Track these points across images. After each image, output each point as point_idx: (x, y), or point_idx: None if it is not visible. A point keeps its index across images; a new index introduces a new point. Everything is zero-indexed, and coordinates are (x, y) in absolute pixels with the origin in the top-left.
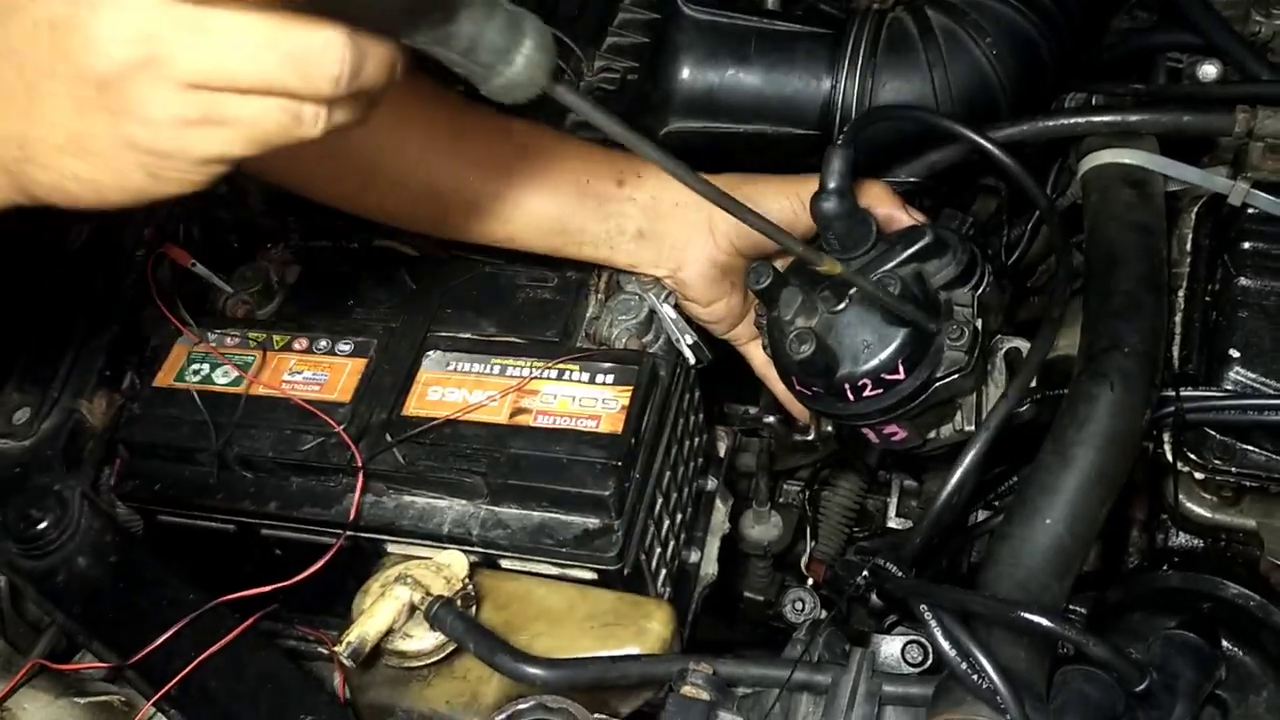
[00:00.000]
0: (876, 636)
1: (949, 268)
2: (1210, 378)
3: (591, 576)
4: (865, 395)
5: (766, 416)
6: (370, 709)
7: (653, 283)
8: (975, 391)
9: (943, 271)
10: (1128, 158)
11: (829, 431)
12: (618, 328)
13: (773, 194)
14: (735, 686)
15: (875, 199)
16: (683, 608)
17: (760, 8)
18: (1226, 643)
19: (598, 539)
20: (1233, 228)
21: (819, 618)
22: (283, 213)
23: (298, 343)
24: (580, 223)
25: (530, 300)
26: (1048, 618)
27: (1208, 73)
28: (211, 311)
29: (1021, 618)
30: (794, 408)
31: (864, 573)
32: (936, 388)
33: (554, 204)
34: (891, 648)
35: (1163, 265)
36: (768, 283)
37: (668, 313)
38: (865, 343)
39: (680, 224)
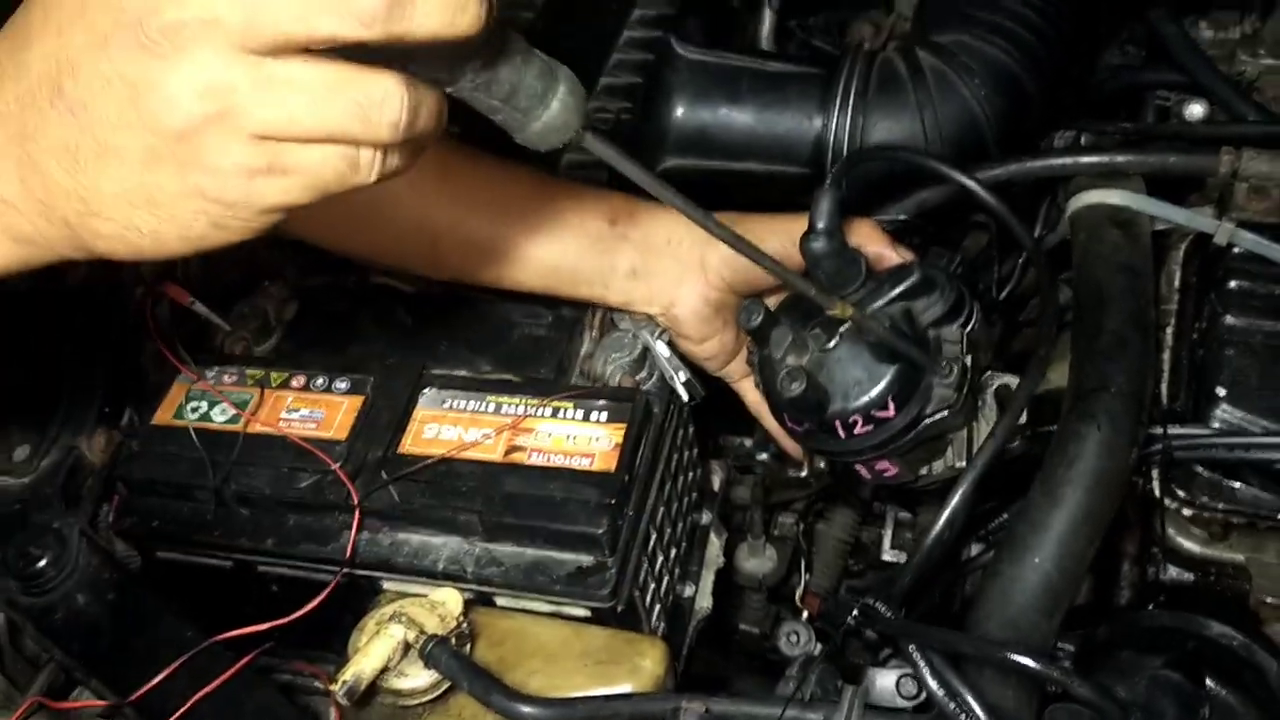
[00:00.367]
0: (871, 670)
1: (937, 305)
2: (1198, 415)
3: (585, 614)
4: (856, 432)
5: (760, 453)
6: None
7: (646, 320)
8: (966, 428)
9: (931, 309)
10: (1115, 198)
11: (822, 468)
12: (612, 365)
13: (764, 233)
14: None
15: (864, 237)
16: (677, 643)
17: (753, 47)
18: (1211, 681)
19: (591, 576)
20: (1219, 266)
21: (813, 652)
22: (281, 249)
23: (295, 380)
24: (573, 262)
25: (525, 337)
26: (1034, 659)
27: (1194, 112)
28: (210, 348)
29: (1009, 659)
30: (787, 444)
31: (854, 612)
32: (927, 424)
33: (547, 245)
34: (886, 681)
35: (1149, 305)
36: (759, 321)
37: (661, 350)
38: (856, 380)
39: (673, 262)
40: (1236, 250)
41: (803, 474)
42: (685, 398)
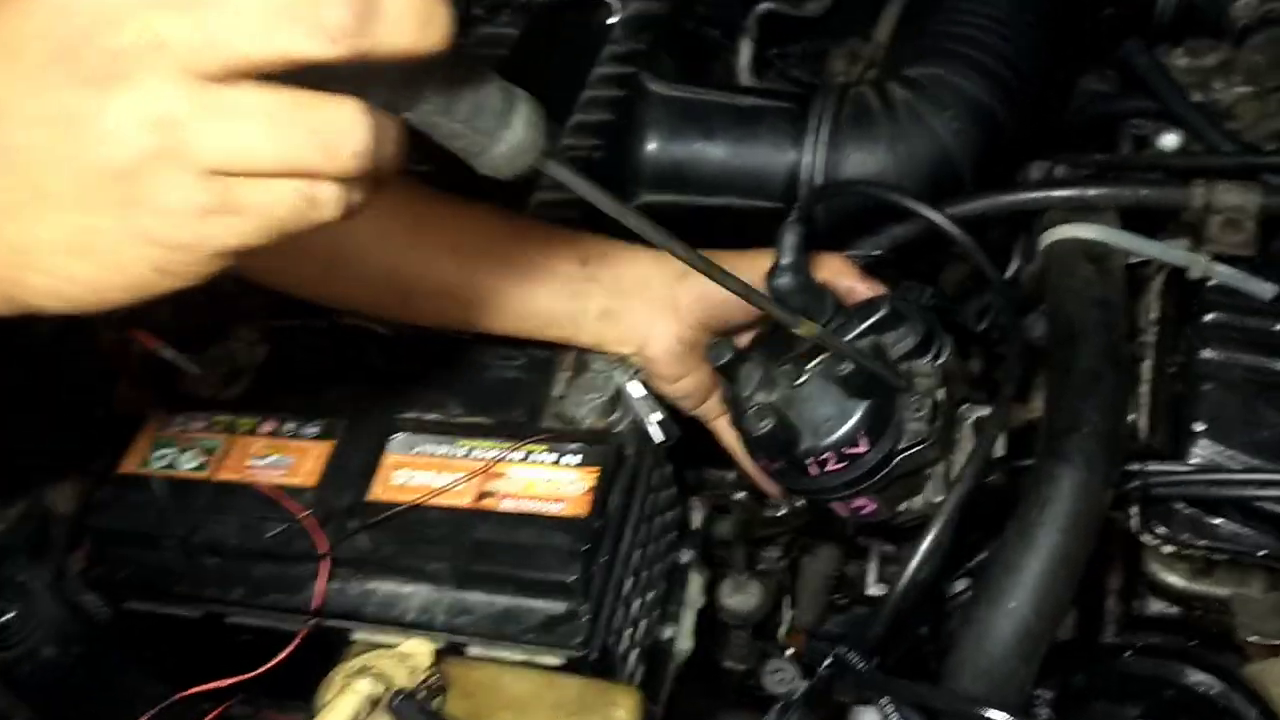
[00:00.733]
0: (855, 708)
1: (907, 339)
2: (1177, 450)
3: (559, 662)
4: (828, 469)
5: (736, 493)
6: None
7: (619, 360)
8: (944, 462)
9: (901, 343)
10: (1087, 232)
11: (800, 505)
12: (585, 406)
13: (739, 269)
14: None
15: (835, 272)
16: (655, 687)
17: (727, 82)
18: None
19: (564, 625)
20: (1195, 300)
21: (797, 690)
22: (252, 292)
23: (264, 426)
24: (545, 305)
25: (497, 379)
26: (1010, 715)
27: (1168, 142)
28: (179, 394)
29: (983, 716)
30: (764, 484)
31: (827, 662)
32: (900, 460)
33: (518, 288)
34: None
35: (1122, 340)
36: (727, 358)
37: (635, 390)
38: (826, 417)
39: (644, 302)
40: (1212, 283)
41: (780, 513)
42: (660, 438)
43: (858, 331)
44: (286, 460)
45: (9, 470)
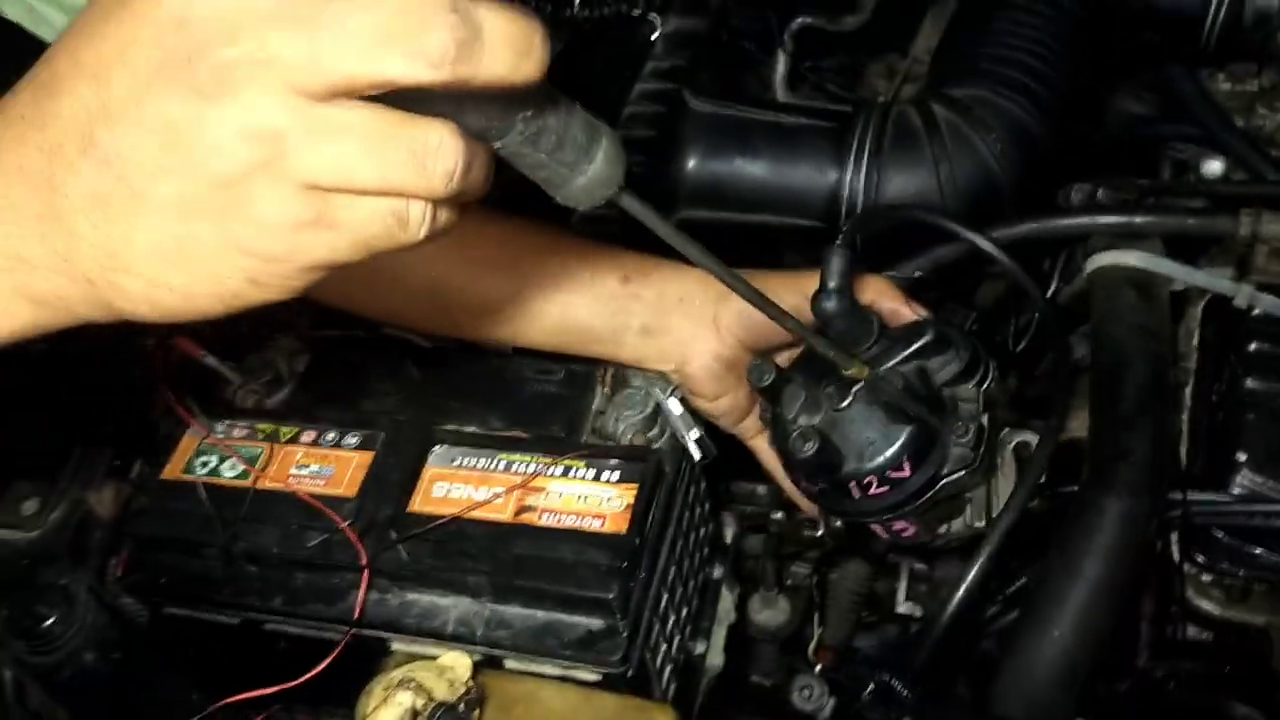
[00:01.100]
0: None
1: (952, 364)
2: (1218, 479)
3: (596, 678)
4: (871, 493)
5: (774, 513)
6: None
7: (658, 377)
8: (984, 486)
9: (946, 368)
10: (1132, 260)
11: (838, 526)
12: (623, 423)
13: (777, 290)
14: None
15: (879, 294)
16: (688, 703)
17: (767, 98)
18: None
19: (602, 641)
20: (1239, 328)
21: (825, 706)
22: (293, 301)
23: (305, 435)
24: (586, 321)
25: (536, 394)
26: None
27: (1212, 169)
28: (220, 401)
29: None
30: (802, 503)
31: (870, 688)
32: (944, 485)
33: (559, 303)
34: None
35: (1168, 369)
36: (770, 380)
37: (673, 408)
38: (870, 440)
39: (685, 319)
40: (1257, 312)
41: (819, 533)
42: (698, 456)
43: (902, 356)
44: (327, 470)
45: (51, 474)
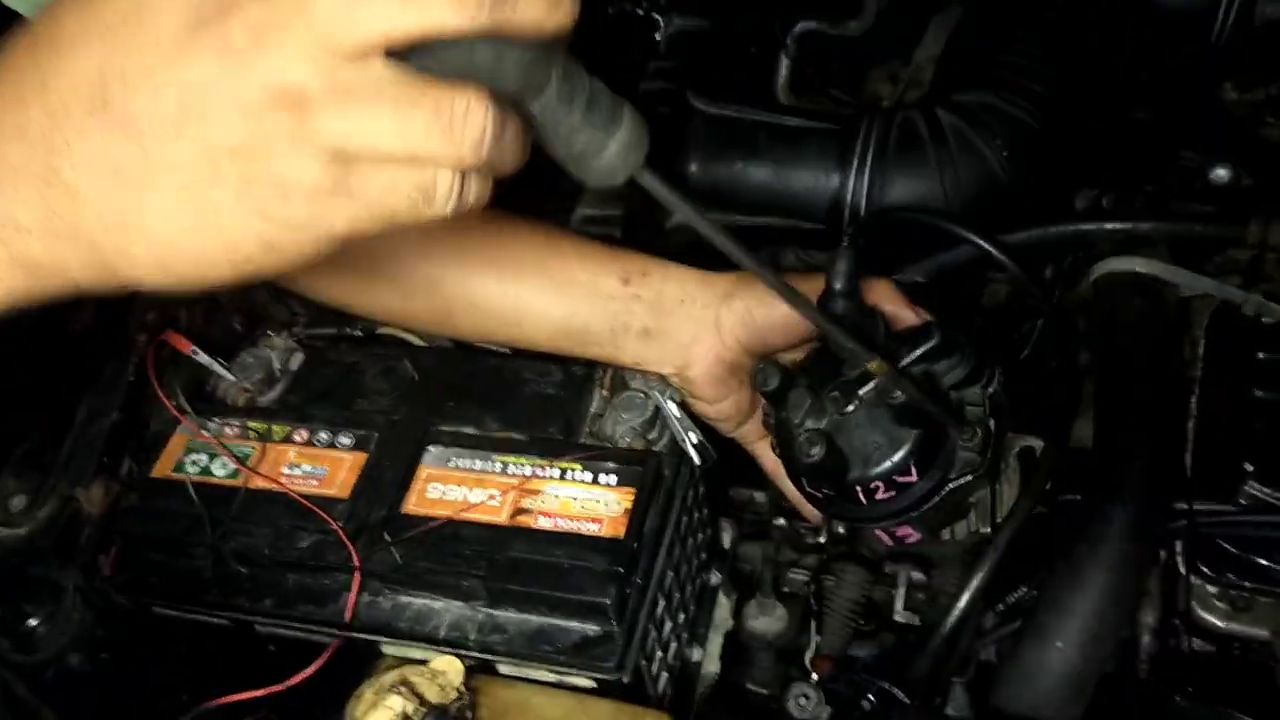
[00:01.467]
0: None
1: (959, 368)
2: (1225, 489)
3: (591, 684)
4: (878, 498)
5: (776, 519)
6: None
7: (658, 380)
8: (989, 490)
9: (953, 372)
10: (1140, 266)
11: (840, 532)
12: (622, 426)
13: None
14: None
15: (882, 297)
16: (683, 710)
17: (771, 101)
18: None
19: (597, 647)
20: (1247, 337)
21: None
22: (287, 296)
23: (298, 434)
24: (584, 322)
25: (534, 395)
26: None
27: (1219, 176)
28: (212, 398)
29: None
30: (804, 509)
31: (869, 696)
32: (950, 490)
33: (559, 304)
34: None
35: (1174, 377)
36: (775, 384)
37: (673, 411)
38: (876, 445)
39: (686, 322)
40: (1266, 321)
41: (821, 539)
42: (697, 460)
43: (910, 360)
44: (320, 470)
45: (39, 470)
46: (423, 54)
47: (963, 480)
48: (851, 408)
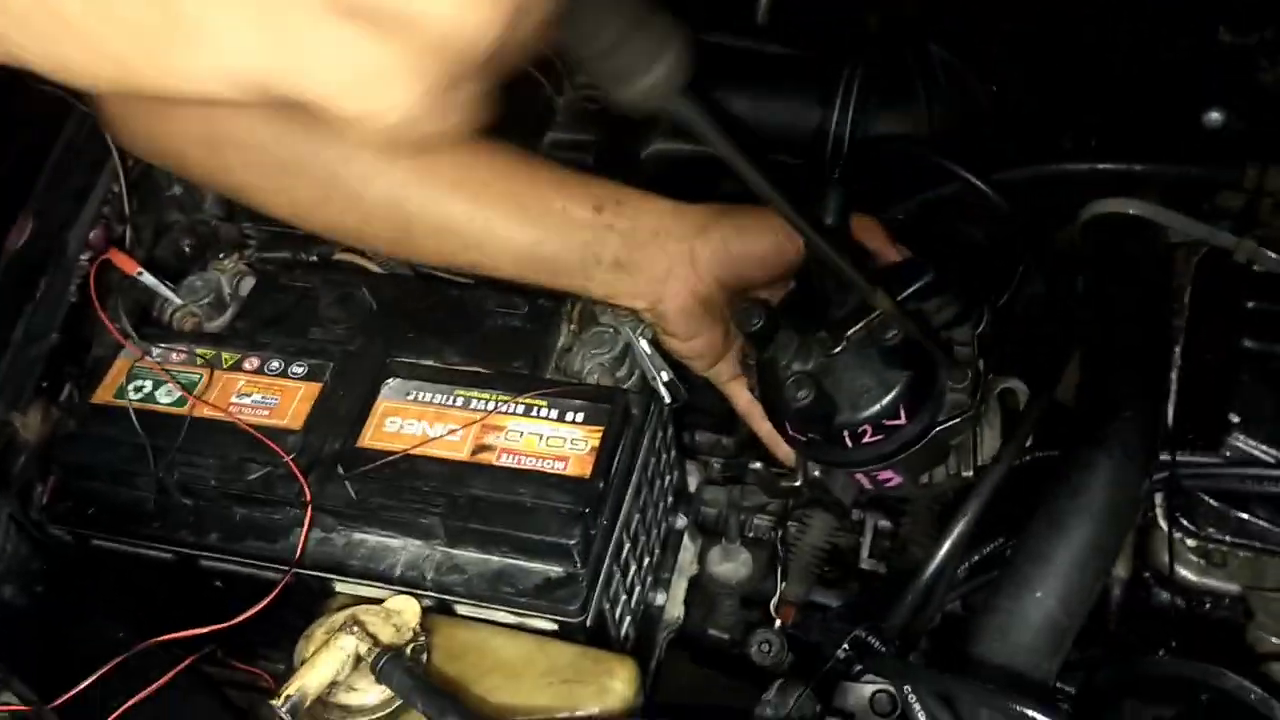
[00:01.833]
0: (845, 683)
1: (950, 307)
2: (1208, 441)
3: (552, 627)
4: (864, 442)
5: (752, 463)
6: None
7: (629, 315)
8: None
9: (943, 311)
10: (1131, 208)
11: (817, 475)
12: (590, 362)
13: (760, 225)
14: None
15: (865, 233)
16: (646, 654)
17: (752, 29)
18: None
19: (560, 589)
20: (1237, 285)
21: (784, 660)
22: (239, 218)
23: (248, 362)
24: (554, 251)
25: (498, 328)
26: (1038, 710)
27: (1213, 119)
28: (158, 323)
29: (1012, 710)
30: (778, 450)
31: (845, 645)
32: (938, 432)
33: (526, 230)
34: (861, 694)
35: (1165, 325)
36: (760, 324)
37: (644, 348)
38: (865, 387)
39: (660, 254)
40: (1257, 269)
41: (797, 483)
42: (667, 399)
43: (901, 298)
44: (271, 400)
45: None
46: None
47: (951, 423)
48: (839, 349)
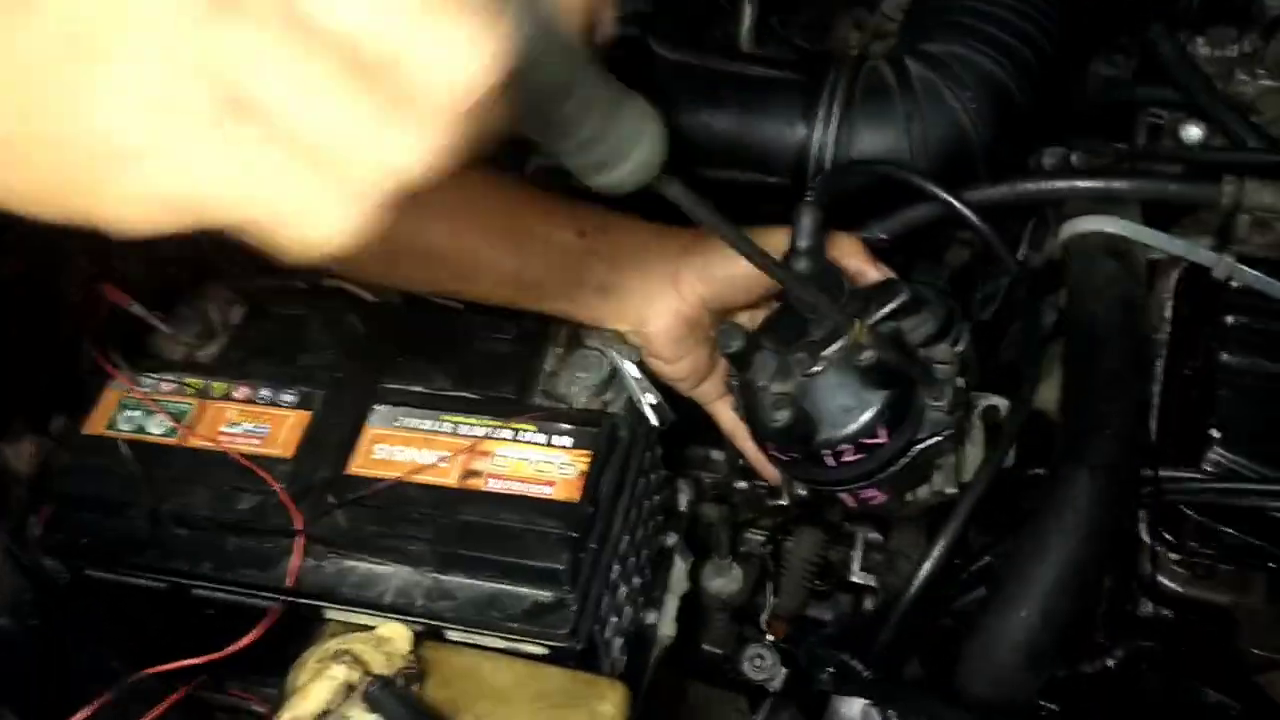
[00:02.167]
0: (835, 699)
1: (927, 324)
2: (1190, 456)
3: (543, 652)
4: (845, 460)
5: (737, 481)
6: None
7: (615, 337)
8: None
9: (920, 328)
10: (1110, 226)
11: (802, 494)
12: (577, 385)
13: None
14: None
15: (845, 252)
16: (637, 674)
17: (735, 48)
18: None
19: (550, 614)
20: (1216, 301)
21: (777, 676)
22: (228, 247)
23: (238, 391)
24: (539, 276)
25: (486, 352)
26: None
27: (1191, 134)
28: (148, 353)
29: None
30: (765, 470)
31: (829, 669)
32: (919, 450)
33: (511, 256)
34: (851, 711)
35: (1146, 342)
36: (739, 345)
37: (630, 370)
38: (844, 407)
39: (645, 277)
40: (1235, 285)
41: (783, 502)
42: (654, 422)
43: (878, 317)
44: (261, 429)
45: None
46: None
47: (931, 441)
48: (817, 369)
